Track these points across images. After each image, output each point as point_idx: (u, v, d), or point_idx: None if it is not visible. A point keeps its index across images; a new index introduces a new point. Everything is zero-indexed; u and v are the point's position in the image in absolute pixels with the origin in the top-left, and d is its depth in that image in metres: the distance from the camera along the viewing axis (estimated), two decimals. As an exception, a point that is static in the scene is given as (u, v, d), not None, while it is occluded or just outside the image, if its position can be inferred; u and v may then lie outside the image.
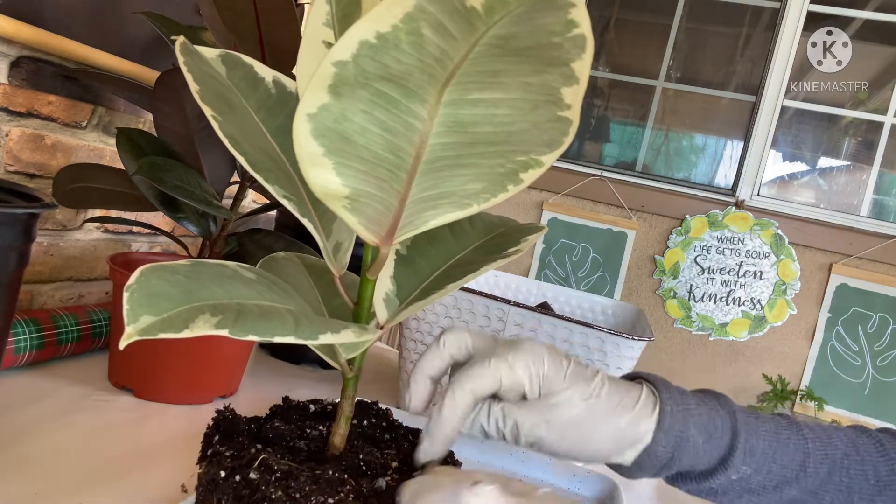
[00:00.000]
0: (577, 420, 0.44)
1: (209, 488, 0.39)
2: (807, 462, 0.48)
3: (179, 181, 0.64)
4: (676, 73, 2.50)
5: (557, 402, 0.44)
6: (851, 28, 2.28)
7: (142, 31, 0.91)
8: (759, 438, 0.48)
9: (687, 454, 0.46)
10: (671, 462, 0.46)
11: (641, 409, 0.46)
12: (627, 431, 0.45)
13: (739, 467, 0.47)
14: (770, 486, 0.48)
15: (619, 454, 0.45)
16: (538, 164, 0.31)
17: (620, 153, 2.58)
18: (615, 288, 2.41)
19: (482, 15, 0.24)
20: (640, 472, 0.47)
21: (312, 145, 0.30)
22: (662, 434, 0.45)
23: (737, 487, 0.48)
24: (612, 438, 0.45)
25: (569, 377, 0.45)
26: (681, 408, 0.46)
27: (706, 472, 0.48)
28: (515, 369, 0.44)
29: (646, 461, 0.46)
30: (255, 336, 0.30)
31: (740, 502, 0.49)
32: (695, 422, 0.46)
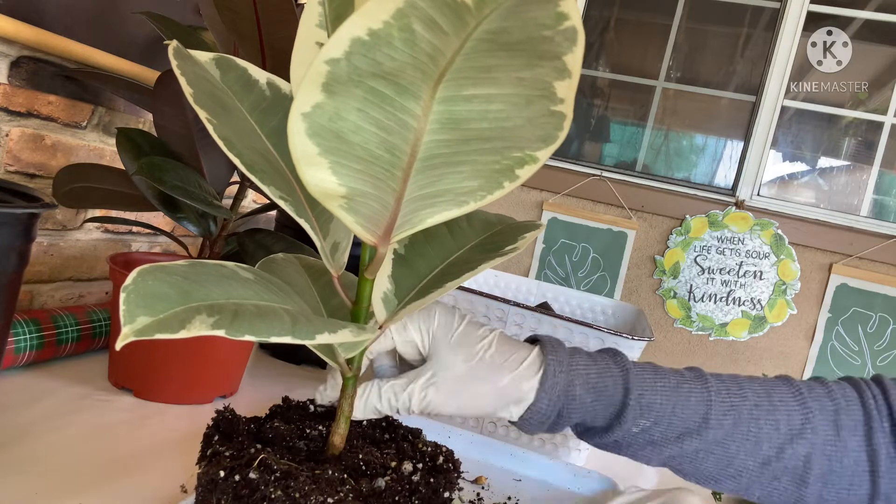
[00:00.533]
0: (460, 380, 0.48)
1: (209, 488, 0.39)
2: (709, 414, 0.50)
3: (179, 181, 0.64)
4: (676, 73, 2.50)
5: (443, 362, 0.48)
6: (851, 28, 2.28)
7: (142, 31, 0.91)
8: (656, 393, 0.50)
9: (576, 411, 0.50)
10: (560, 419, 0.50)
11: (525, 370, 0.49)
12: (509, 390, 0.48)
13: (637, 421, 0.50)
14: (672, 438, 0.50)
15: (504, 410, 0.49)
16: (533, 159, 0.31)
17: (620, 153, 2.58)
18: (615, 288, 2.41)
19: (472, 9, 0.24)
20: (529, 426, 0.50)
21: (307, 145, 0.30)
22: (544, 393, 0.48)
23: (640, 440, 0.51)
24: (494, 397, 0.48)
25: (456, 338, 0.49)
26: (566, 368, 0.49)
27: (604, 427, 0.51)
28: (407, 328, 0.49)
29: (532, 418, 0.49)
30: (251, 336, 0.30)
31: (644, 453, 0.51)
32: (581, 381, 0.50)
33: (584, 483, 0.68)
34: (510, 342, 0.51)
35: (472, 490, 0.62)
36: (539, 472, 0.69)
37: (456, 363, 0.48)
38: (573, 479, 0.68)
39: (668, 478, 0.81)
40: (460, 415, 0.48)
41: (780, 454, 0.49)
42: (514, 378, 0.49)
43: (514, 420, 0.50)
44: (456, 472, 0.47)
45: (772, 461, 0.50)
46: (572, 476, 0.68)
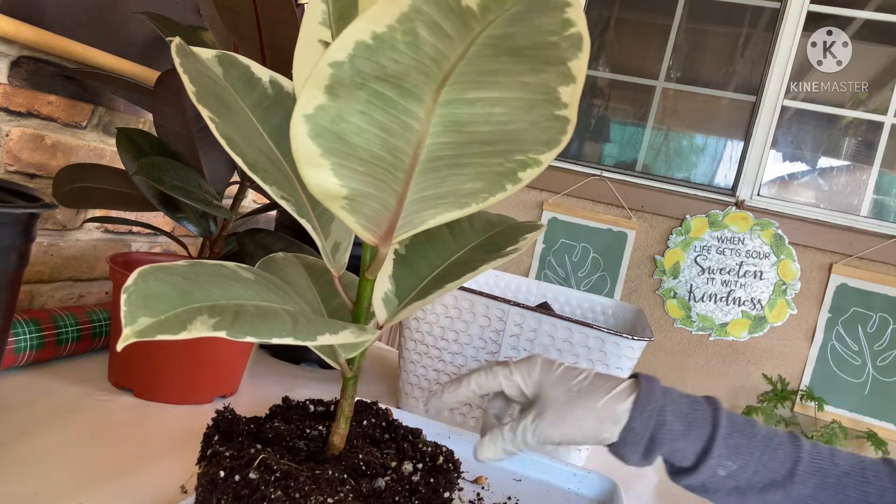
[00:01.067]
0: (562, 409, 0.54)
1: (209, 488, 0.39)
2: (796, 469, 0.52)
3: (179, 181, 0.64)
4: (676, 73, 2.50)
5: (547, 398, 0.55)
6: (851, 28, 2.28)
7: (142, 31, 0.91)
8: (745, 437, 0.53)
9: (666, 437, 0.53)
10: (652, 445, 0.53)
11: (619, 394, 0.54)
12: (605, 411, 0.53)
13: (723, 462, 0.52)
14: (756, 487, 0.52)
15: (604, 430, 0.53)
16: (536, 163, 0.31)
17: (620, 153, 2.58)
18: (615, 288, 2.41)
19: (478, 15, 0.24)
20: (626, 450, 0.54)
21: (310, 146, 0.30)
22: (637, 412, 0.53)
23: (726, 485, 0.53)
24: (593, 419, 0.53)
25: (555, 377, 0.55)
26: (658, 395, 0.54)
27: (692, 466, 0.53)
28: (513, 375, 0.56)
29: (628, 438, 0.53)
30: (252, 337, 0.30)
31: (730, 499, 0.53)
32: (673, 409, 0.54)
33: (584, 483, 0.68)
34: (606, 375, 0.56)
35: (472, 490, 0.62)
36: (539, 472, 0.69)
37: (558, 396, 0.55)
38: (573, 479, 0.68)
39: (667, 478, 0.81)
40: (568, 441, 0.54)
41: None
42: (609, 400, 0.54)
43: (615, 440, 0.53)
44: (456, 472, 0.47)
45: None
46: (572, 476, 0.68)
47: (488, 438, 0.55)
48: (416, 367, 0.82)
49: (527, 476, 0.69)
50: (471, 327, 0.79)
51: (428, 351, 0.81)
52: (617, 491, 0.65)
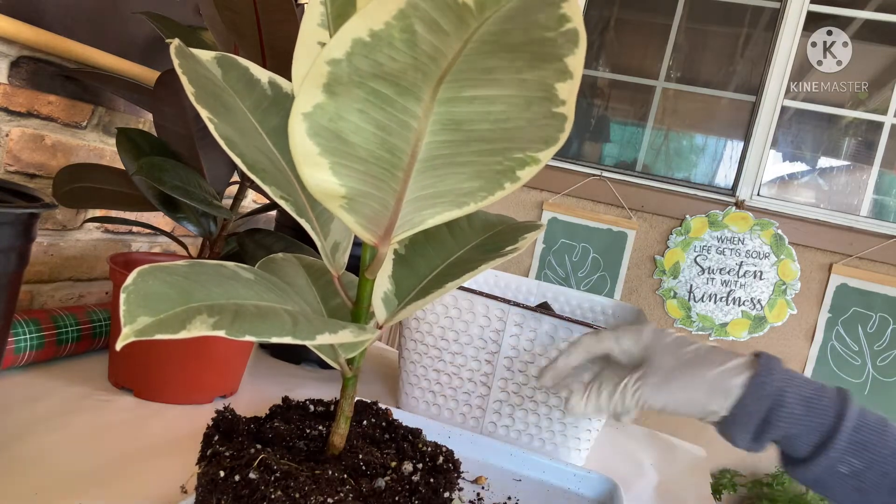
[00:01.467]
0: (669, 373, 0.51)
1: (209, 488, 0.39)
2: None
3: (179, 181, 0.64)
4: (676, 73, 2.50)
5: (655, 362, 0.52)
6: (851, 28, 2.28)
7: (142, 31, 0.91)
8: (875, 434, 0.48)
9: (784, 420, 0.49)
10: (766, 427, 0.49)
11: (735, 367, 0.51)
12: (717, 382, 0.50)
13: (845, 458, 0.48)
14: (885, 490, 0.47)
15: (712, 402, 0.50)
16: (535, 161, 0.31)
17: (620, 153, 2.57)
18: (615, 288, 2.40)
19: (474, 11, 0.24)
20: (736, 428, 0.50)
21: (308, 145, 0.30)
22: (753, 389, 0.49)
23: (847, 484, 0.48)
24: (702, 388, 0.50)
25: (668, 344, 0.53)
26: (780, 375, 0.50)
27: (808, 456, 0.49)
28: (621, 339, 0.55)
29: (739, 417, 0.49)
30: (252, 336, 0.30)
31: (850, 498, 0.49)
32: (794, 391, 0.49)
33: (584, 483, 0.68)
34: (722, 349, 0.53)
35: (472, 490, 0.62)
36: (539, 472, 0.69)
37: (666, 359, 0.52)
38: (573, 479, 0.68)
39: (668, 478, 0.81)
40: (671, 409, 0.51)
41: None
42: (723, 372, 0.50)
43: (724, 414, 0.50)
44: (456, 472, 0.47)
45: None
46: (572, 476, 0.68)
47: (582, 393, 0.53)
48: (416, 367, 0.82)
49: (527, 476, 0.69)
50: (471, 327, 0.79)
51: (428, 351, 0.81)
52: (617, 491, 0.65)
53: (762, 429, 0.50)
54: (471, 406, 0.81)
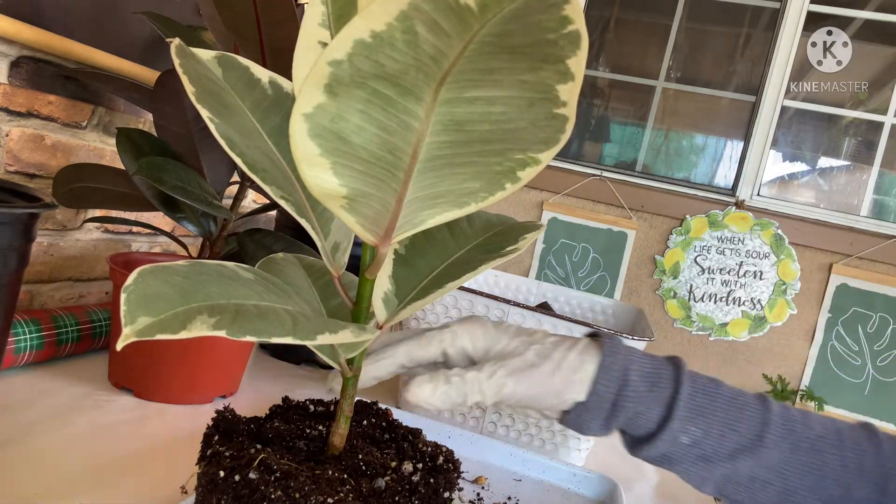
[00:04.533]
0: (529, 363, 0.48)
1: (209, 488, 0.39)
2: (765, 433, 0.47)
3: (179, 181, 0.64)
4: (676, 73, 2.50)
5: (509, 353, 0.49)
6: (851, 28, 2.28)
7: (142, 31, 0.91)
8: (709, 398, 0.48)
9: (630, 400, 0.48)
10: (615, 410, 0.48)
11: (584, 351, 0.49)
12: (574, 368, 0.48)
13: (686, 427, 0.47)
14: (724, 454, 0.47)
15: (572, 390, 0.48)
16: (535, 161, 0.31)
17: (620, 153, 2.57)
18: (615, 288, 2.40)
19: (476, 12, 0.24)
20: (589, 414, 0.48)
21: (309, 145, 0.30)
22: (603, 371, 0.48)
23: (690, 454, 0.48)
24: (562, 376, 0.48)
25: (513, 333, 0.50)
26: (622, 354, 0.49)
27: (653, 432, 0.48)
28: (458, 337, 0.49)
29: (592, 401, 0.48)
30: (252, 337, 0.30)
31: (696, 471, 0.48)
32: (636, 368, 0.49)
33: (584, 483, 0.68)
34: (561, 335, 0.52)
35: (472, 490, 0.62)
36: (539, 472, 0.69)
37: (520, 349, 0.49)
38: (573, 480, 0.68)
39: (668, 478, 0.81)
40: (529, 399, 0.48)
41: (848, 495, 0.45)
42: (577, 356, 0.49)
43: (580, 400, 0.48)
44: (456, 472, 0.47)
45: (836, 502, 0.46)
46: (572, 476, 0.68)
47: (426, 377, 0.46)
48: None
49: (527, 476, 0.69)
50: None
51: (428, 351, 0.81)
52: (617, 491, 0.65)
53: (612, 412, 0.48)
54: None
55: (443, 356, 0.50)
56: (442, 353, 0.49)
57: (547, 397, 0.48)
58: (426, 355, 0.49)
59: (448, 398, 0.46)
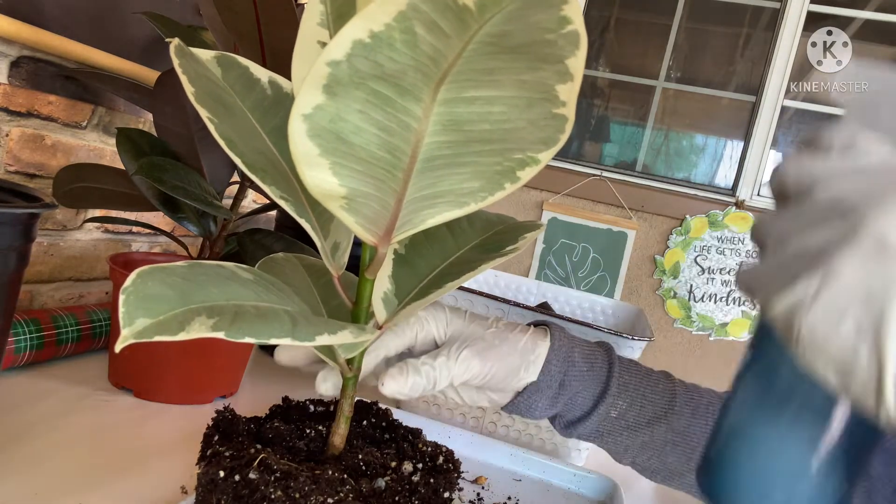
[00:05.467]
0: (490, 344, 0.52)
1: (209, 488, 0.39)
2: (674, 401, 0.55)
3: (179, 181, 0.64)
4: (676, 73, 2.50)
5: (468, 336, 0.52)
6: (851, 28, 2.28)
7: (142, 31, 0.91)
8: (631, 375, 0.55)
9: (575, 378, 0.54)
10: (563, 386, 0.53)
11: (535, 335, 0.54)
12: (528, 350, 0.53)
13: (616, 402, 0.54)
14: (643, 422, 0.55)
15: (526, 371, 0.52)
16: (535, 161, 0.31)
17: (620, 153, 2.57)
18: (615, 288, 2.40)
19: (475, 13, 0.24)
20: (538, 395, 0.53)
21: (308, 145, 0.30)
22: (554, 353, 0.53)
23: (617, 426, 0.55)
24: (518, 356, 0.52)
25: (469, 317, 0.54)
26: (567, 338, 0.55)
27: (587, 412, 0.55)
28: (426, 323, 0.53)
29: (543, 381, 0.53)
30: (251, 338, 0.30)
31: (621, 440, 0.55)
32: (579, 350, 0.55)
33: (584, 483, 0.68)
34: (512, 322, 0.56)
35: (472, 490, 0.62)
36: (539, 472, 0.69)
37: (478, 332, 0.53)
38: (573, 480, 0.68)
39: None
40: (489, 377, 0.51)
41: None
42: (530, 338, 0.53)
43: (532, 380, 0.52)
44: (456, 472, 0.47)
45: None
46: (572, 476, 0.68)
47: (396, 370, 0.48)
48: (416, 367, 0.82)
49: (527, 476, 0.69)
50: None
51: (428, 351, 0.81)
52: (617, 491, 0.65)
53: (558, 391, 0.53)
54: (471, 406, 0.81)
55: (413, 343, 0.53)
56: (412, 341, 0.53)
57: (507, 377, 0.52)
58: (402, 343, 0.52)
59: (419, 386, 0.49)
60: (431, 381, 0.49)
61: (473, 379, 0.51)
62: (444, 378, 0.50)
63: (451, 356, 0.50)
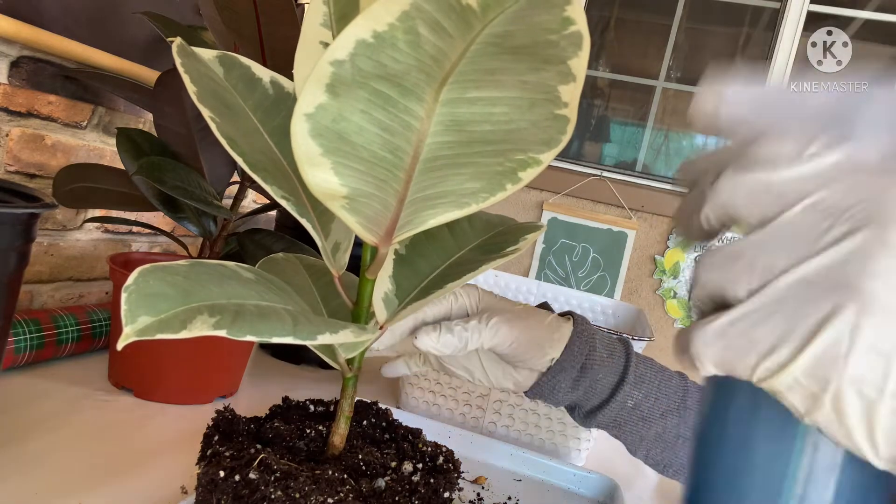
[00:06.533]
0: (517, 314, 0.54)
1: (208, 488, 0.39)
2: (686, 396, 0.58)
3: (179, 181, 0.64)
4: (676, 73, 2.50)
5: (497, 309, 0.55)
6: (851, 28, 2.28)
7: (142, 31, 0.91)
8: (647, 368, 0.58)
9: (596, 362, 0.56)
10: (584, 369, 0.55)
11: (558, 318, 0.57)
12: (553, 328, 0.55)
13: (632, 392, 0.56)
14: (657, 414, 0.57)
15: (552, 343, 0.54)
16: (536, 162, 0.31)
17: (620, 153, 2.58)
18: (615, 288, 2.40)
19: (478, 13, 0.24)
20: (560, 376, 0.55)
21: (310, 145, 0.30)
22: (577, 335, 0.55)
23: (633, 417, 0.57)
24: (545, 330, 0.54)
25: (499, 297, 0.57)
26: (589, 325, 0.57)
27: (605, 400, 0.56)
28: (460, 296, 0.56)
29: (566, 360, 0.54)
30: (253, 336, 0.30)
31: (636, 429, 0.57)
32: (599, 338, 0.57)
33: (584, 483, 0.68)
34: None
35: (472, 490, 0.62)
36: (539, 472, 0.69)
37: (508, 306, 0.55)
38: (573, 479, 0.68)
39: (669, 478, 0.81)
40: (518, 347, 0.53)
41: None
42: (555, 320, 0.56)
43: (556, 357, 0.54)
44: (456, 472, 0.47)
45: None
46: (572, 476, 0.68)
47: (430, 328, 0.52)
48: (416, 367, 0.82)
49: (527, 476, 0.69)
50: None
51: (428, 351, 0.81)
52: (617, 491, 0.65)
53: (580, 374, 0.55)
54: (471, 406, 0.81)
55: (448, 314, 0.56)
56: (448, 311, 0.56)
57: (531, 348, 0.54)
58: (438, 312, 0.56)
59: (451, 343, 0.52)
60: (463, 341, 0.52)
61: (501, 345, 0.53)
62: (474, 340, 0.52)
63: (482, 320, 0.53)
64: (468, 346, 0.52)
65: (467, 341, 0.52)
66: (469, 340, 0.52)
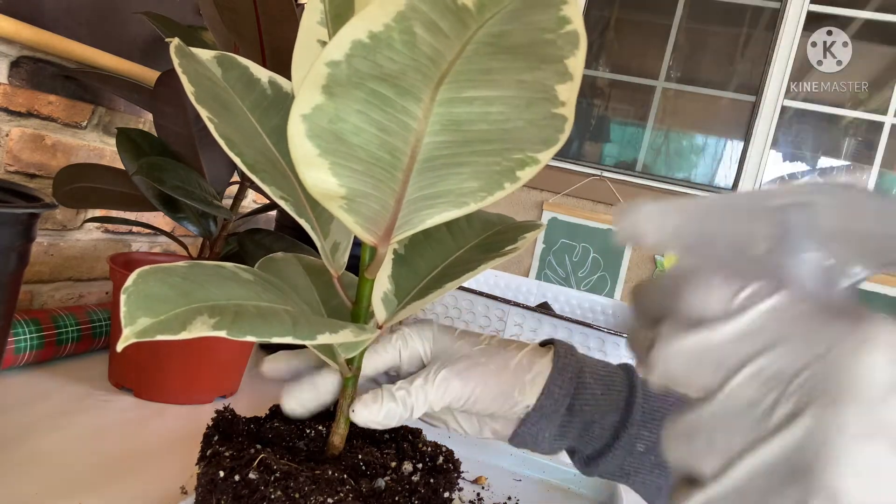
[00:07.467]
0: (473, 361, 0.45)
1: (208, 489, 0.39)
2: None
3: (179, 181, 0.64)
4: (676, 73, 2.50)
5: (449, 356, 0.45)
6: (851, 28, 2.28)
7: (142, 31, 0.91)
8: (659, 401, 0.47)
9: (587, 403, 0.46)
10: (573, 411, 0.46)
11: (534, 353, 0.46)
12: (523, 368, 0.45)
13: (640, 432, 0.45)
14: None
15: (522, 394, 0.45)
16: (534, 161, 0.31)
17: (620, 153, 2.58)
18: (615, 288, 2.40)
19: (474, 13, 0.24)
20: (542, 423, 0.45)
21: (307, 146, 0.30)
22: (557, 372, 0.45)
23: (646, 463, 0.46)
24: (510, 375, 0.45)
25: (456, 336, 0.47)
26: (575, 356, 0.47)
27: (610, 441, 0.46)
28: (410, 339, 0.47)
29: (546, 405, 0.45)
30: (252, 337, 0.30)
31: (652, 479, 0.47)
32: (590, 371, 0.47)
33: (584, 483, 0.68)
34: (511, 339, 0.49)
35: (472, 490, 0.62)
36: (539, 472, 0.69)
37: (464, 349, 0.46)
38: (573, 480, 0.68)
39: (667, 478, 0.81)
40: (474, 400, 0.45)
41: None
42: (527, 354, 0.46)
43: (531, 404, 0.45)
44: (456, 472, 0.47)
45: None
46: (572, 476, 0.68)
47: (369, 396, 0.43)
48: (415, 367, 0.82)
49: (527, 476, 0.69)
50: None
51: (428, 351, 0.81)
52: (617, 491, 0.65)
53: (568, 418, 0.46)
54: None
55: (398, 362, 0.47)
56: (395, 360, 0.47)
57: (496, 399, 0.45)
58: (384, 361, 0.47)
59: (395, 413, 0.43)
60: (408, 408, 0.43)
61: (455, 402, 0.44)
62: (420, 403, 0.43)
63: (428, 378, 0.44)
64: (415, 413, 0.43)
65: (413, 407, 0.43)
66: (415, 405, 0.43)
